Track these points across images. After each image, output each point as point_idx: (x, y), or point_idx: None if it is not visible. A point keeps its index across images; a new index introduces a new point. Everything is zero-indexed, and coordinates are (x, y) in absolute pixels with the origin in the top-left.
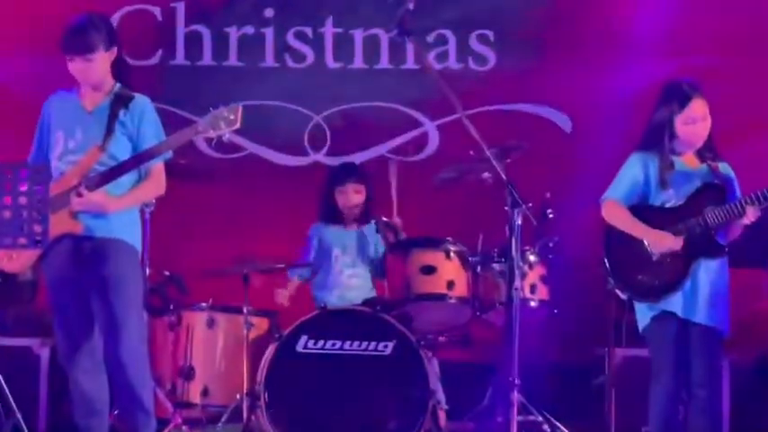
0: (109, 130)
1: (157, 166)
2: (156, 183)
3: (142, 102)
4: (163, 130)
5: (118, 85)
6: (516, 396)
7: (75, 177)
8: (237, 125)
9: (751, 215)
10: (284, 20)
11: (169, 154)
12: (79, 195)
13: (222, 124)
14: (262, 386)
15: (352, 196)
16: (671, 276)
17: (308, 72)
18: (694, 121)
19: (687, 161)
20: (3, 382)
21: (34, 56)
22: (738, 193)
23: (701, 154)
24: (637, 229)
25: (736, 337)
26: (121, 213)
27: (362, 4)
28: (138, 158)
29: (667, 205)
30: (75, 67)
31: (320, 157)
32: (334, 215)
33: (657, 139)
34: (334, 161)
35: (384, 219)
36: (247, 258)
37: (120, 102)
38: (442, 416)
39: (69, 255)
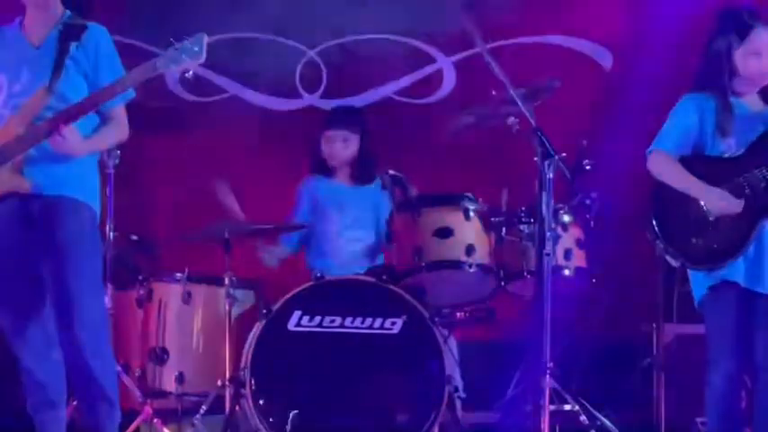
0: (58, 68)
1: (118, 109)
2: (117, 128)
3: (97, 32)
4: (122, 66)
5: (68, 12)
6: (548, 381)
7: (20, 125)
8: (202, 58)
9: None
10: None
11: (131, 94)
12: (58, 133)
13: (185, 57)
14: (247, 371)
15: (339, 146)
16: (731, 239)
17: None
18: (758, 54)
19: (749, 103)
20: None
21: None
22: None
23: (765, 94)
24: (690, 185)
25: None
26: (75, 167)
27: None
28: (94, 99)
29: (726, 155)
30: None
31: (315, 99)
32: (321, 167)
33: (714, 77)
34: (331, 104)
35: (391, 172)
36: (229, 220)
37: (71, 33)
38: (459, 405)
39: (15, 217)
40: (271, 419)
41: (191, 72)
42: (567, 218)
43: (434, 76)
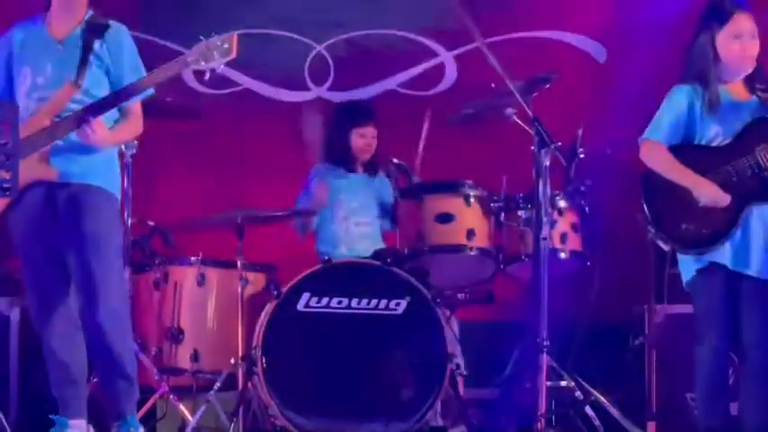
0: (83, 63)
1: (136, 105)
2: (136, 123)
3: (119, 31)
4: (142, 63)
5: (90, 11)
6: (545, 359)
7: (47, 117)
8: (232, 55)
9: None
10: None
11: (150, 90)
12: (88, 125)
13: (215, 54)
14: (259, 350)
15: (371, 140)
16: (719, 224)
17: None
18: (739, 38)
19: (735, 92)
20: None
21: None
22: None
23: (751, 84)
24: (679, 174)
25: None
26: (99, 157)
27: None
28: (123, 93)
29: (714, 144)
30: None
31: (323, 91)
32: (345, 158)
33: (700, 65)
34: (339, 96)
35: (395, 160)
36: (242, 206)
37: (95, 31)
38: (461, 382)
39: (41, 205)
40: (281, 395)
41: (220, 69)
42: (562, 203)
43: (436, 70)
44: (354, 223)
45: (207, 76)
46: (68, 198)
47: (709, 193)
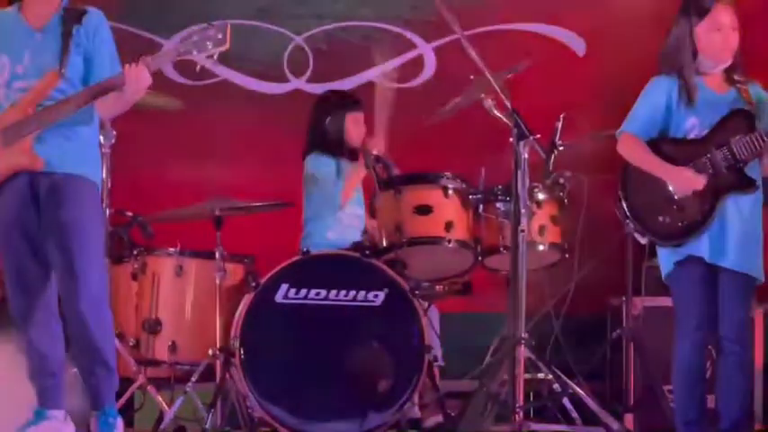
0: (65, 52)
1: None
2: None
3: (96, 16)
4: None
5: None
6: (523, 351)
7: (30, 106)
8: (227, 45)
9: None
10: None
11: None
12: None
13: (209, 45)
14: (237, 341)
15: (362, 128)
16: (695, 216)
17: None
18: (719, 28)
19: (713, 85)
20: None
21: None
22: None
23: (730, 76)
24: (655, 166)
25: None
26: (81, 146)
27: None
28: (106, 86)
29: (691, 136)
30: None
31: (301, 83)
32: (342, 146)
33: (678, 57)
34: (318, 88)
35: (374, 152)
36: (220, 197)
37: (73, 17)
38: (437, 374)
39: (24, 195)
40: (259, 387)
41: (215, 56)
42: (541, 195)
43: (415, 62)
44: (350, 213)
45: (198, 67)
46: (50, 187)
47: (682, 179)
